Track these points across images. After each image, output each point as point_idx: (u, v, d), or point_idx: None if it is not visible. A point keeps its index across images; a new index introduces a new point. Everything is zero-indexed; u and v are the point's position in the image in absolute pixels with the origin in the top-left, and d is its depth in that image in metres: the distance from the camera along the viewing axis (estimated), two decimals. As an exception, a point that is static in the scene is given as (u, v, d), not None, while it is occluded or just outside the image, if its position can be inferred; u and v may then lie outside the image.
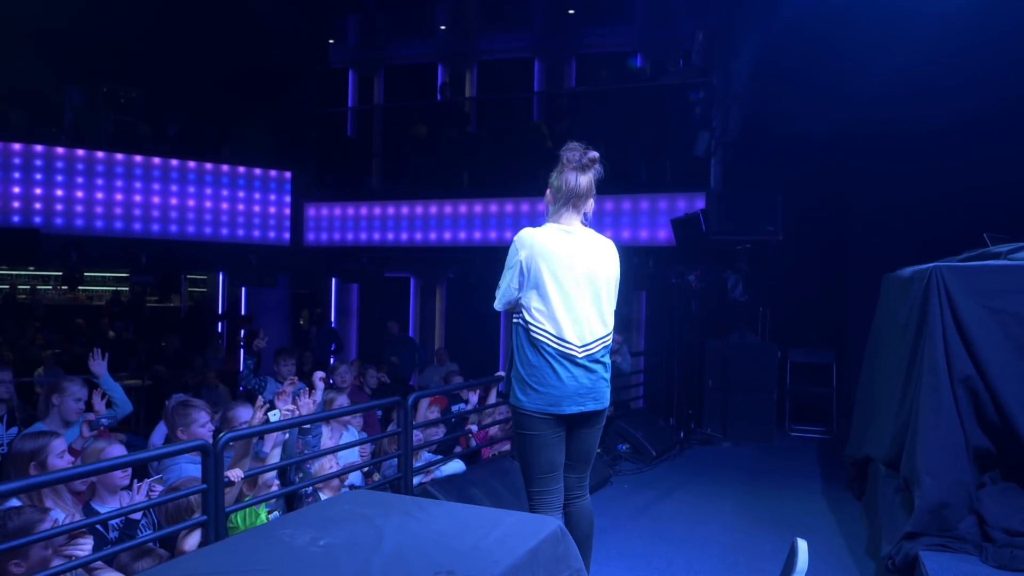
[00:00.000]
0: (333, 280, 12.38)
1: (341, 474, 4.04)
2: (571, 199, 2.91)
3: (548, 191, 2.98)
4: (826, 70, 7.57)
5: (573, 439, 3.02)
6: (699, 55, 8.75)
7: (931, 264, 3.34)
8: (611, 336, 3.03)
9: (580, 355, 2.89)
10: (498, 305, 3.01)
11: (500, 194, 9.89)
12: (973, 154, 6.77)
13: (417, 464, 4.29)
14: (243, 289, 12.54)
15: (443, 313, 12.16)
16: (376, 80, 12.65)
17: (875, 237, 7.51)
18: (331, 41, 12.32)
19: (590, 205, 2.98)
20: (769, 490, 5.65)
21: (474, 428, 4.75)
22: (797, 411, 7.72)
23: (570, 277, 2.88)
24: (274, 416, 4.55)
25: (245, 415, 3.88)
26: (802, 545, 1.84)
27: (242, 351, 12.01)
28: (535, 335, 2.89)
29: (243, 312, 12.63)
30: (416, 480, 4.26)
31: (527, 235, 2.91)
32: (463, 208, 10.01)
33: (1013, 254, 3.49)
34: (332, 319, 12.50)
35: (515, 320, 2.97)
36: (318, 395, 4.26)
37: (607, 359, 3.02)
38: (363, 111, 12.36)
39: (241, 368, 5.82)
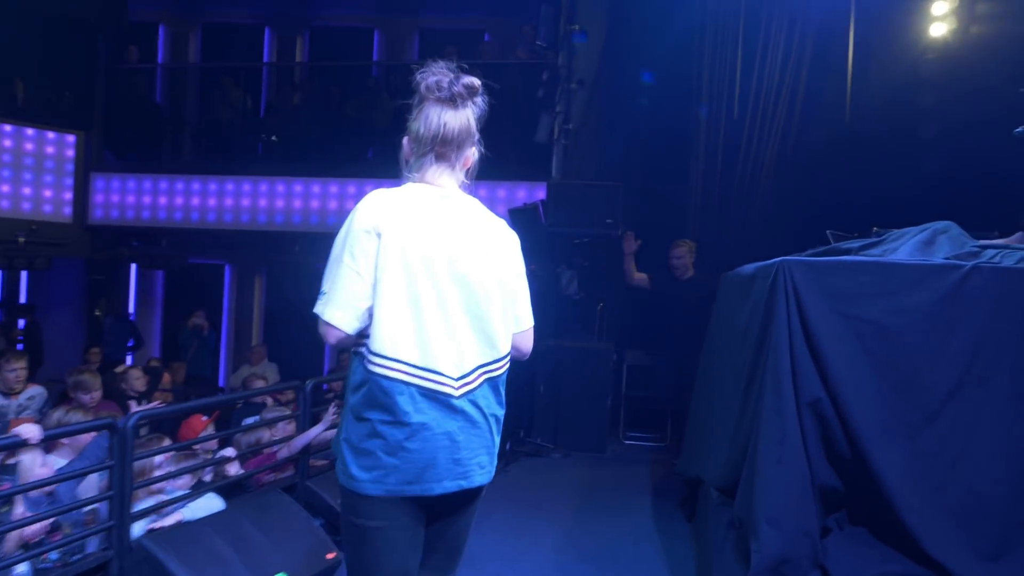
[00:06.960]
0: (133, 266, 10.72)
1: (29, 523, 2.97)
2: (434, 147, 1.85)
3: (405, 139, 1.93)
4: (675, 63, 7.31)
5: (440, 526, 1.93)
6: (544, 36, 8.18)
7: (777, 259, 2.72)
8: (505, 363, 1.91)
9: (457, 392, 1.80)
10: (338, 318, 1.78)
11: (326, 173, 8.82)
12: (809, 163, 6.81)
13: (140, 507, 3.23)
14: (24, 273, 10.67)
15: (263, 305, 10.83)
16: (192, 38, 11.09)
17: (717, 236, 7.20)
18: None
19: (470, 158, 1.93)
20: (597, 512, 5.04)
21: (230, 452, 3.72)
22: (632, 417, 7.25)
23: (442, 269, 1.80)
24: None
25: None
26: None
27: (20, 348, 10.19)
28: (381, 367, 1.75)
29: (23, 300, 10.78)
30: (141, 529, 3.22)
31: (374, 204, 1.80)
32: (280, 187, 8.82)
33: (866, 250, 2.96)
34: (131, 310, 10.85)
35: (353, 349, 1.86)
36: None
37: (498, 406, 1.91)
38: (175, 71, 10.74)
39: None
